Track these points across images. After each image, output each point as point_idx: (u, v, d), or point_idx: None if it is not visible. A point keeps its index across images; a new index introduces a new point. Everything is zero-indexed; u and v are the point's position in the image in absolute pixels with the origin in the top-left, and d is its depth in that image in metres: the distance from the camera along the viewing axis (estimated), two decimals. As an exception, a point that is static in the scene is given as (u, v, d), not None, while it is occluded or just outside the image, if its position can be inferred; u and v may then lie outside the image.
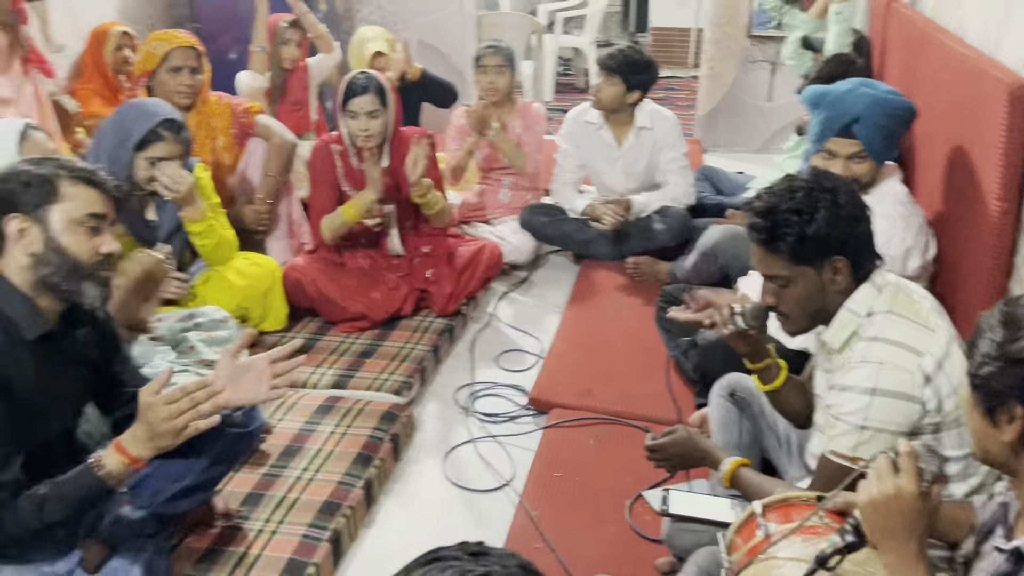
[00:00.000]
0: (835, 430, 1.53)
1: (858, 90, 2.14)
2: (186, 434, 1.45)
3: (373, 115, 2.79)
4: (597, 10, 6.49)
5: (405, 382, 2.56)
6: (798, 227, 1.50)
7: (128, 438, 1.46)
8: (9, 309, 1.46)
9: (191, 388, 1.46)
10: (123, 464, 1.45)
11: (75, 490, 1.44)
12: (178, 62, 2.86)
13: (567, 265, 3.57)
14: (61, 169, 1.50)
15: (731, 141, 5.11)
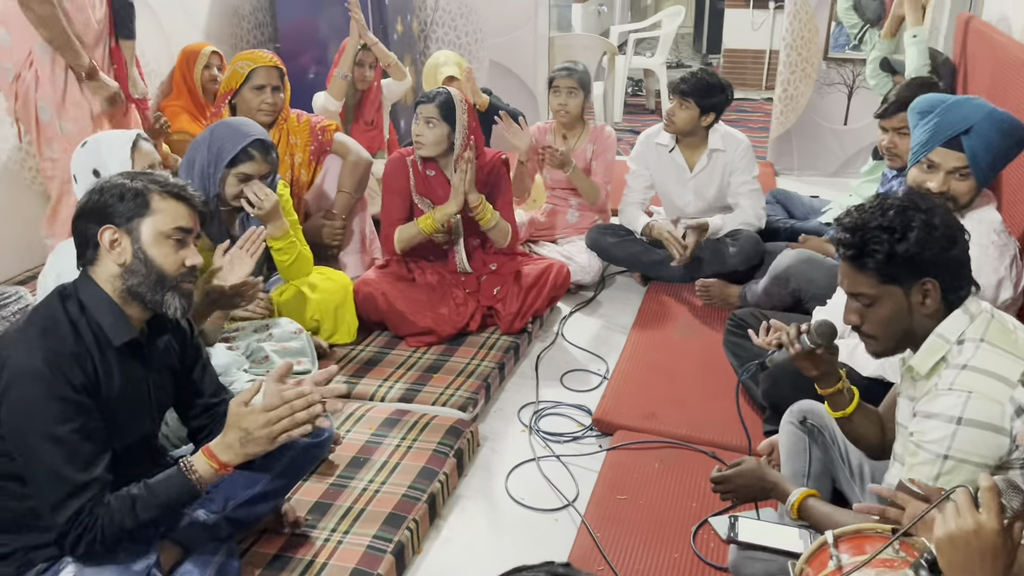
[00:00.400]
0: (916, 458, 1.48)
1: (975, 101, 2.07)
2: (279, 441, 1.49)
3: (429, 123, 2.85)
4: (670, 32, 6.48)
5: (470, 398, 2.58)
6: (888, 245, 1.46)
7: (219, 445, 1.50)
8: (99, 316, 1.52)
9: (290, 396, 1.50)
10: (212, 469, 1.50)
11: (166, 491, 1.49)
12: (261, 81, 2.97)
13: (634, 286, 3.55)
14: (153, 184, 1.57)
15: (805, 164, 5.03)
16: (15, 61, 2.82)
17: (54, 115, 2.88)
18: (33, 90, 2.84)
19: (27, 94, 2.85)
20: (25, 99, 2.86)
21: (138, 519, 1.46)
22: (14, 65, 2.82)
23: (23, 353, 1.43)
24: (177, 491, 1.49)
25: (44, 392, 1.42)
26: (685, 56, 8.78)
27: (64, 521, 1.42)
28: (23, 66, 2.82)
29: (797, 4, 4.73)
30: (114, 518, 1.45)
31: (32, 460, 1.43)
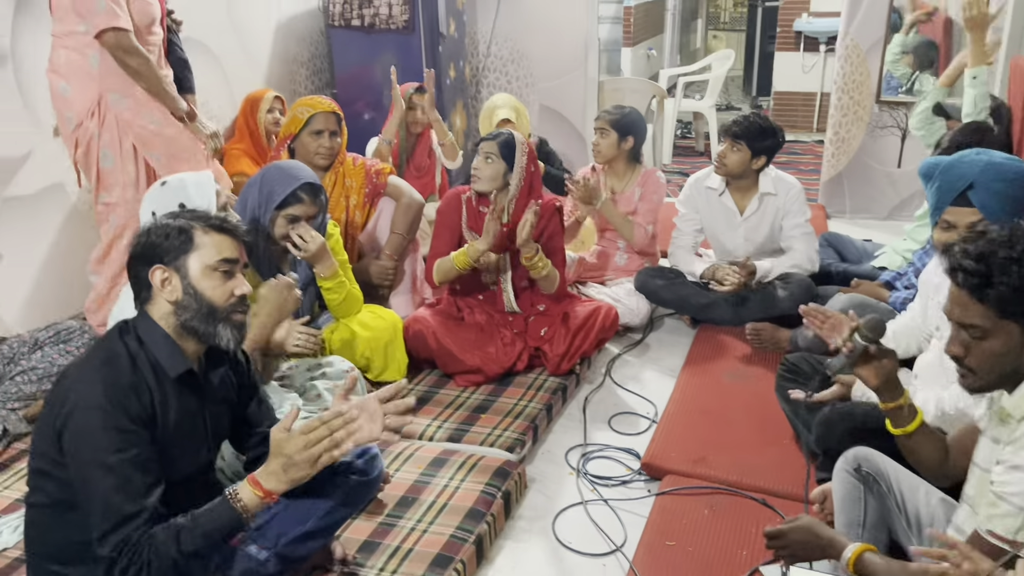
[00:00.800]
0: (996, 509, 1.43)
1: (970, 156, 2.07)
2: (321, 463, 1.51)
3: (488, 158, 2.92)
4: (719, 75, 6.50)
5: (518, 439, 2.58)
6: (1016, 278, 1.41)
7: (263, 473, 1.53)
8: (156, 350, 1.58)
9: (328, 417, 1.53)
10: (257, 498, 1.52)
11: (211, 521, 1.50)
12: (320, 126, 3.06)
13: (683, 328, 3.53)
14: (195, 220, 1.62)
15: (857, 207, 4.97)
16: (76, 111, 2.90)
17: (116, 161, 2.98)
18: (96, 138, 2.93)
19: (90, 142, 2.93)
20: (88, 147, 2.94)
21: (182, 550, 1.47)
22: (75, 115, 2.90)
23: (84, 384, 1.49)
24: (223, 521, 1.51)
25: (101, 422, 1.46)
26: (735, 99, 8.79)
27: (110, 550, 1.44)
28: (85, 116, 2.90)
29: (848, 48, 4.72)
30: (159, 550, 1.46)
31: (86, 488, 1.48)
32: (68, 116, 2.92)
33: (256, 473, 1.54)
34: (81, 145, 2.94)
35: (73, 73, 2.87)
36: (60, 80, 2.89)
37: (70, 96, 2.89)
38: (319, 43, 5.07)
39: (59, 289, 3.44)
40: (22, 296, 3.31)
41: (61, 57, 2.87)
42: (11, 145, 3.18)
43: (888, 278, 3.08)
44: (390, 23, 4.55)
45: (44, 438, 1.52)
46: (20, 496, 2.26)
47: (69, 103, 2.90)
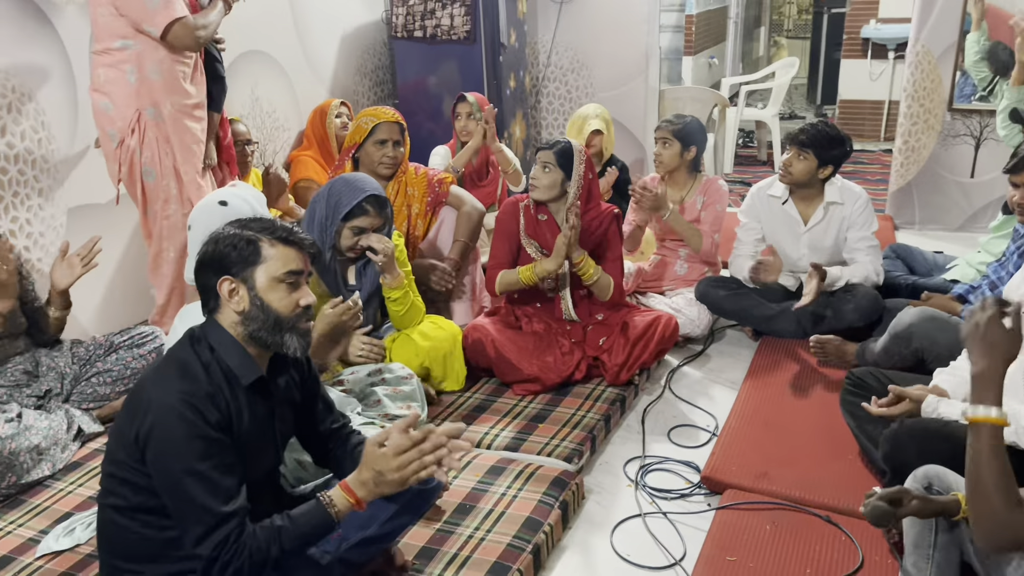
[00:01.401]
0: None
1: None
2: (411, 483, 1.56)
3: (545, 167, 2.93)
4: (783, 83, 6.40)
5: (576, 449, 2.57)
6: None
7: (355, 482, 1.58)
8: (227, 358, 1.61)
9: (418, 439, 1.56)
10: (349, 504, 1.59)
11: (307, 523, 1.57)
12: (384, 136, 3.11)
13: (744, 340, 3.48)
14: (263, 231, 1.65)
15: (927, 218, 4.83)
16: (119, 128, 2.93)
17: (159, 177, 3.01)
18: (138, 155, 2.96)
19: (132, 159, 2.96)
20: (131, 164, 2.97)
21: (283, 548, 1.54)
22: (118, 131, 2.94)
23: (164, 395, 1.53)
24: (317, 523, 1.57)
25: (186, 431, 1.51)
26: (798, 107, 8.65)
27: (210, 550, 1.50)
28: (127, 132, 2.93)
29: (919, 54, 4.60)
30: (261, 547, 1.53)
31: (177, 495, 1.52)
32: (111, 133, 2.95)
33: (348, 480, 1.59)
34: (124, 163, 2.97)
35: (114, 90, 2.91)
36: (102, 98, 2.92)
37: (112, 113, 2.92)
38: (382, 54, 5.16)
39: (129, 295, 3.56)
40: (95, 302, 3.44)
41: (101, 76, 2.91)
42: (83, 156, 3.31)
43: (961, 291, 2.98)
44: (451, 34, 4.60)
45: (123, 446, 1.56)
46: (93, 494, 2.34)
47: (112, 120, 2.93)
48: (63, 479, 2.46)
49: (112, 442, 1.61)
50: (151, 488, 1.55)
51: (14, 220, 3.07)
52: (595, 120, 3.95)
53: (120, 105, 2.92)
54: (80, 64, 3.26)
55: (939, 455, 1.93)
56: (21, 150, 3.08)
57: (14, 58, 3.02)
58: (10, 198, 3.05)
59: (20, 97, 3.06)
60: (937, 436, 2.03)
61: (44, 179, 3.17)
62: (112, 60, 2.89)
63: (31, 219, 3.14)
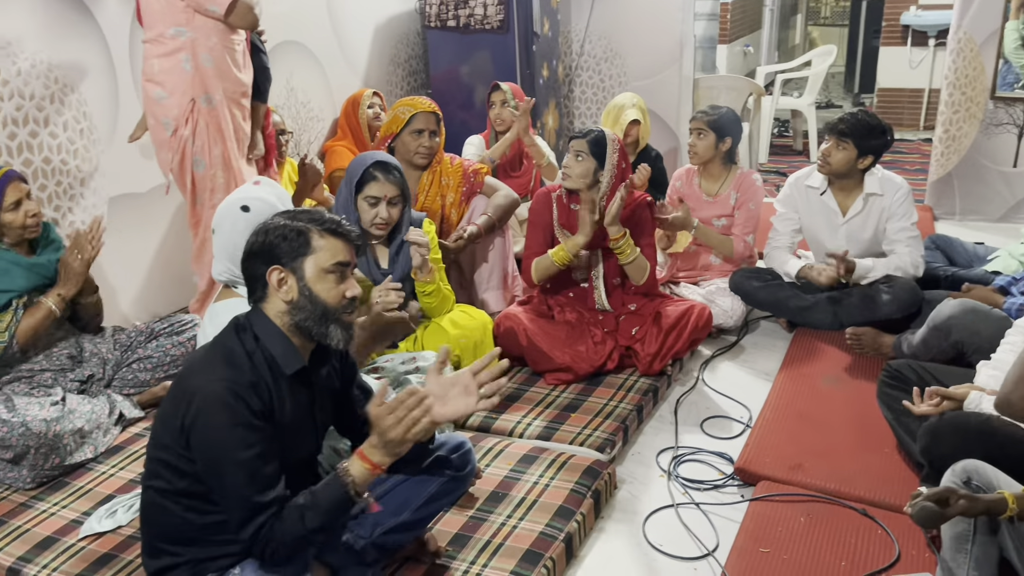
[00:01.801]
0: None
1: None
2: (409, 438, 1.57)
3: (578, 156, 2.92)
4: (820, 71, 6.31)
5: (608, 439, 2.57)
6: None
7: (367, 447, 1.61)
8: (271, 347, 1.64)
9: (403, 397, 1.58)
10: (365, 470, 1.59)
11: (328, 497, 1.58)
12: (420, 125, 3.13)
13: (779, 331, 3.45)
14: (312, 223, 1.66)
15: (968, 209, 4.74)
16: (174, 116, 2.96)
17: (208, 167, 3.04)
18: (190, 144, 3.00)
19: (184, 148, 3.00)
20: (182, 153, 3.01)
21: (308, 527, 1.56)
22: (173, 120, 2.97)
23: (209, 382, 1.56)
24: (337, 495, 1.58)
25: (229, 420, 1.53)
26: (835, 96, 8.52)
27: (250, 535, 1.55)
28: (180, 121, 2.97)
29: (961, 41, 4.51)
30: (287, 529, 1.55)
31: (219, 482, 1.56)
32: (165, 122, 2.98)
33: (362, 447, 1.61)
34: (176, 151, 3.00)
35: (168, 79, 2.94)
36: (155, 87, 2.95)
37: (167, 102, 2.95)
38: (415, 44, 5.17)
39: (169, 283, 3.62)
40: (135, 290, 3.50)
41: (155, 65, 2.94)
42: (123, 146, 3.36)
43: (1003, 283, 2.92)
44: (485, 23, 4.59)
45: (168, 432, 1.60)
46: (134, 477, 2.40)
47: (166, 109, 2.96)
48: (105, 462, 2.51)
49: (158, 427, 1.65)
50: (195, 474, 1.59)
51: (57, 209, 3.13)
52: (632, 110, 3.93)
53: (176, 93, 2.96)
54: (120, 55, 3.32)
55: (979, 450, 1.91)
56: (64, 140, 3.14)
57: (57, 50, 3.08)
58: (53, 187, 3.12)
59: (63, 88, 3.12)
60: (977, 430, 2.00)
61: (86, 169, 3.23)
62: (166, 49, 2.92)
63: (73, 208, 3.20)
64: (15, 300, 2.50)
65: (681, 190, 3.65)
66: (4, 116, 2.91)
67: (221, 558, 1.64)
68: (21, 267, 2.52)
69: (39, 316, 2.51)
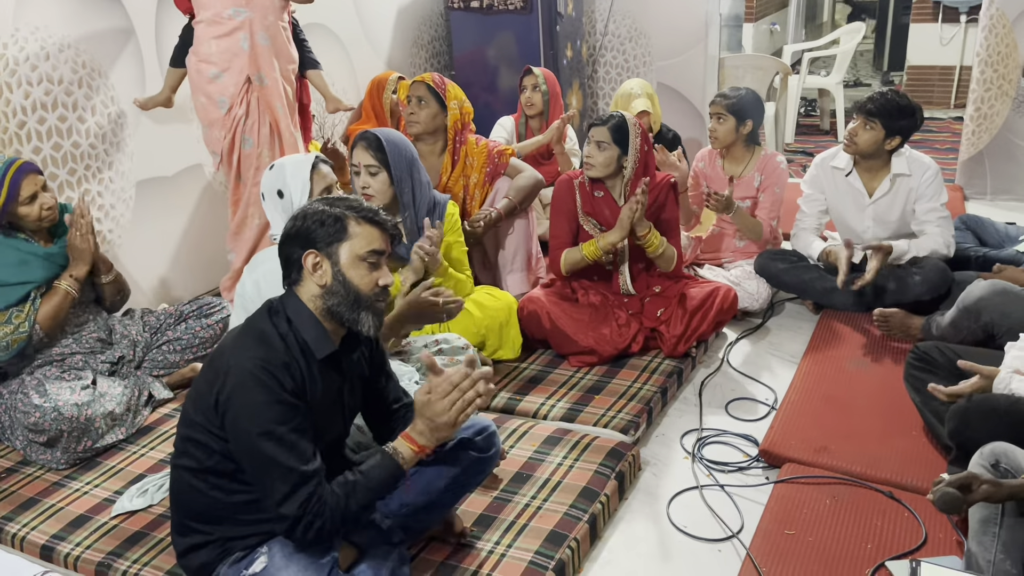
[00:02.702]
0: None
1: None
2: (460, 422, 1.64)
3: (600, 145, 2.89)
4: (848, 49, 6.21)
5: (632, 421, 2.57)
6: None
7: (414, 431, 1.66)
8: (304, 331, 1.66)
9: (457, 380, 1.62)
10: (412, 452, 1.66)
11: (378, 475, 1.63)
12: (404, 93, 3.16)
13: (804, 313, 3.42)
14: (349, 210, 1.68)
15: (999, 188, 4.66)
16: (231, 95, 3.05)
17: (255, 145, 3.11)
18: (242, 122, 3.08)
19: (236, 126, 3.09)
20: (234, 130, 3.09)
21: (359, 502, 1.61)
22: (229, 98, 3.05)
23: (243, 360, 1.58)
24: (386, 473, 1.64)
25: (265, 397, 1.56)
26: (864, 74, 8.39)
27: (296, 509, 1.55)
28: (236, 100, 3.05)
29: (993, 17, 4.41)
30: (339, 503, 1.59)
31: (258, 458, 1.57)
32: (221, 100, 3.06)
33: (408, 431, 1.66)
34: (229, 129, 3.08)
35: (226, 59, 3.01)
36: (210, 67, 3.03)
37: (223, 81, 3.03)
38: (439, 25, 5.15)
39: (197, 266, 3.66)
40: (163, 273, 3.54)
41: (212, 46, 3.01)
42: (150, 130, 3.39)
43: (1034, 264, 2.88)
44: (508, 4, 4.57)
45: (200, 410, 1.62)
46: (164, 457, 2.44)
47: (223, 87, 3.04)
48: (135, 443, 2.55)
49: (189, 405, 1.67)
50: (224, 452, 1.61)
51: (86, 192, 3.17)
52: (640, 100, 3.89)
53: (232, 72, 3.03)
54: (147, 39, 3.34)
55: (1008, 432, 1.89)
56: (92, 124, 3.17)
57: (84, 34, 3.10)
58: (82, 171, 3.15)
59: (91, 72, 3.15)
60: (1006, 413, 1.98)
61: (114, 153, 3.27)
62: (224, 29, 3.00)
63: (102, 191, 3.24)
64: (33, 291, 2.51)
65: (704, 171, 3.62)
66: (33, 101, 2.95)
67: (249, 537, 1.66)
68: (38, 257, 2.54)
69: (56, 300, 2.53)
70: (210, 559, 1.69)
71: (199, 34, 3.04)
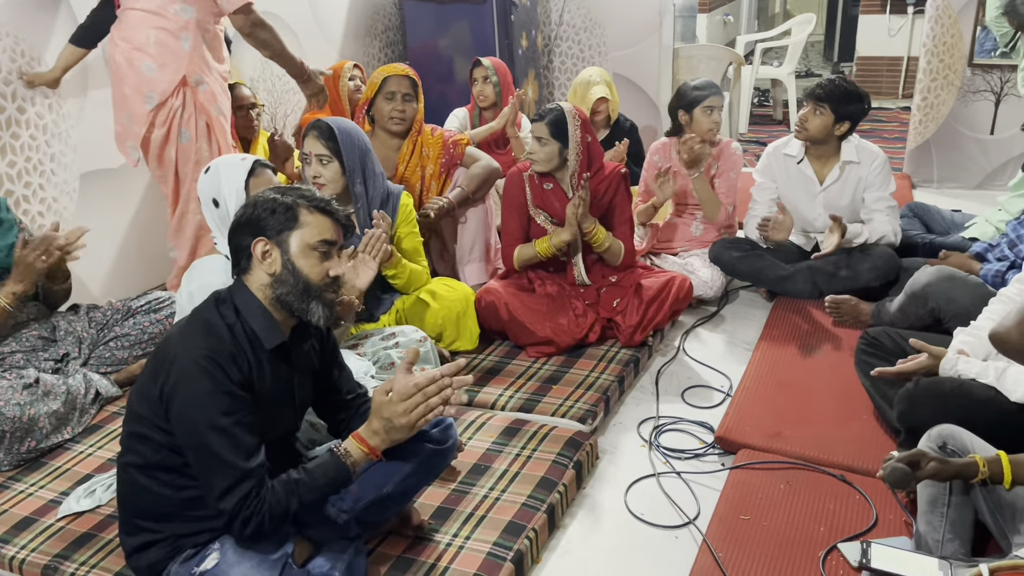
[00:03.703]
0: None
1: None
2: (419, 427, 1.60)
3: (540, 140, 2.88)
4: (799, 40, 6.29)
5: (589, 410, 2.58)
6: None
7: (367, 431, 1.62)
8: (252, 321, 1.63)
9: (423, 383, 1.59)
10: (363, 453, 1.62)
11: (323, 475, 1.60)
12: (392, 88, 3.10)
13: (759, 301, 3.46)
14: (301, 199, 1.66)
15: (945, 176, 4.77)
16: (160, 91, 2.91)
17: (192, 139, 3.01)
18: (179, 116, 2.96)
19: (172, 120, 2.96)
20: (168, 125, 2.96)
21: (301, 501, 1.57)
22: (158, 94, 2.92)
23: (189, 351, 1.55)
24: (333, 474, 1.60)
25: (210, 387, 1.53)
26: (815, 65, 8.51)
27: (233, 505, 1.53)
28: (170, 95, 2.93)
29: (939, 8, 4.51)
30: (280, 500, 1.56)
31: (201, 450, 1.54)
32: (149, 95, 2.92)
33: (360, 431, 1.63)
34: (159, 125, 2.96)
35: (163, 54, 2.89)
36: (146, 59, 2.89)
37: (155, 76, 2.90)
38: (392, 15, 5.10)
39: (145, 260, 3.58)
40: (108, 268, 3.46)
41: (151, 37, 2.88)
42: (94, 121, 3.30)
43: (979, 249, 2.95)
44: (462, -7, 4.53)
45: (146, 403, 1.59)
46: (112, 456, 2.38)
47: (153, 83, 2.91)
48: (82, 442, 2.49)
49: (134, 399, 1.64)
50: (171, 446, 1.58)
51: (27, 186, 3.08)
52: (599, 87, 3.90)
53: (169, 69, 2.92)
54: (88, 27, 3.24)
55: (954, 414, 1.93)
56: (32, 115, 3.07)
57: (23, 22, 3.00)
58: (23, 163, 3.06)
59: (30, 62, 3.05)
60: (952, 395, 2.03)
61: (56, 144, 3.17)
62: (167, 24, 2.88)
63: (44, 184, 3.15)
64: None
65: (660, 164, 3.63)
66: (-31, 91, 2.85)
67: (200, 534, 1.63)
68: None
69: None
70: (160, 558, 1.65)
71: (133, 21, 2.89)
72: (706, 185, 3.47)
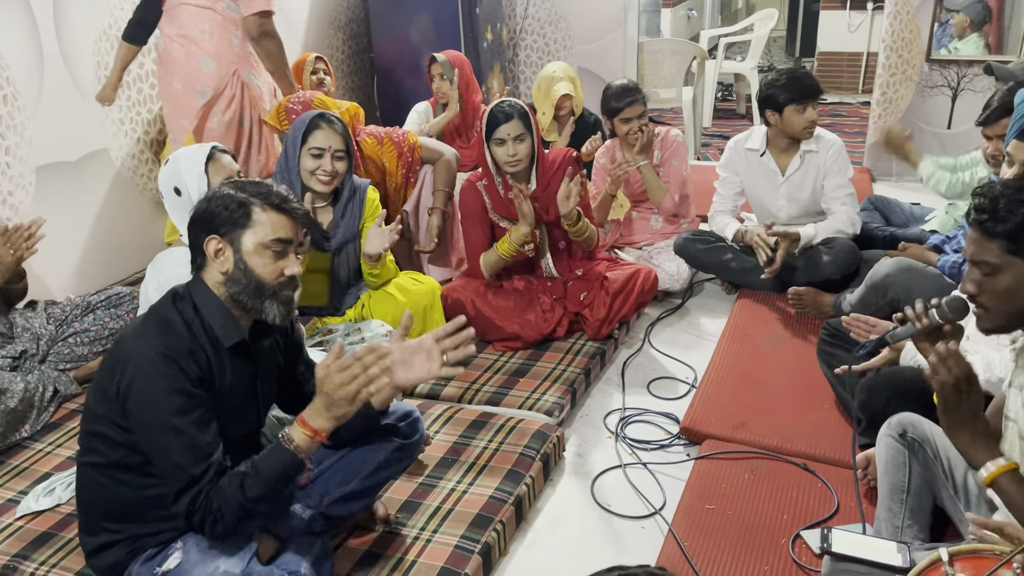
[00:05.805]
0: None
1: None
2: (360, 399, 1.52)
3: (519, 139, 2.85)
4: (762, 35, 6.36)
5: (556, 403, 2.59)
6: (1022, 215, 1.45)
7: (309, 412, 1.55)
8: (210, 318, 1.60)
9: (361, 353, 1.53)
10: (307, 437, 1.54)
11: (269, 465, 1.53)
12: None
13: (723, 294, 3.50)
14: (257, 196, 1.62)
15: (904, 170, 4.83)
16: (214, 86, 3.05)
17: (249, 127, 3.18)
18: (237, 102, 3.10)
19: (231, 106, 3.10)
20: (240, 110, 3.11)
21: (248, 496, 1.51)
22: (212, 89, 3.05)
23: (144, 348, 1.52)
24: (279, 463, 1.54)
25: (165, 385, 1.50)
26: (777, 59, 8.61)
27: (187, 507, 1.51)
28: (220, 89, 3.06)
29: (898, 4, 4.58)
30: (228, 496, 1.51)
31: (155, 450, 1.52)
32: (202, 89, 3.03)
33: (304, 413, 1.56)
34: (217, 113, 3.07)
35: (219, 48, 2.99)
36: (202, 54, 2.99)
37: (210, 71, 3.01)
38: (356, 7, 5.05)
39: (104, 255, 3.51)
40: (67, 263, 3.39)
41: (206, 31, 2.98)
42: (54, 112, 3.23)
43: (937, 241, 3.00)
44: (427, -15, 4.50)
45: (103, 401, 1.55)
46: (72, 454, 2.34)
47: (207, 77, 3.01)
48: (41, 440, 2.44)
49: (91, 398, 1.60)
50: (129, 444, 1.55)
51: (-19, 179, 3.00)
52: (563, 83, 3.89)
53: (223, 63, 3.02)
54: (44, 17, 3.17)
55: (913, 403, 1.96)
56: (-15, 107, 3.00)
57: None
58: (-24, 157, 2.98)
59: (-18, 53, 2.97)
60: (912, 384, 2.06)
61: (11, 136, 3.10)
62: (220, 20, 2.96)
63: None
64: None
65: (607, 167, 3.62)
66: (-81, 82, 2.77)
67: (161, 533, 1.61)
68: None
69: None
70: (121, 558, 1.62)
71: (184, 16, 2.96)
72: (650, 171, 3.49)
